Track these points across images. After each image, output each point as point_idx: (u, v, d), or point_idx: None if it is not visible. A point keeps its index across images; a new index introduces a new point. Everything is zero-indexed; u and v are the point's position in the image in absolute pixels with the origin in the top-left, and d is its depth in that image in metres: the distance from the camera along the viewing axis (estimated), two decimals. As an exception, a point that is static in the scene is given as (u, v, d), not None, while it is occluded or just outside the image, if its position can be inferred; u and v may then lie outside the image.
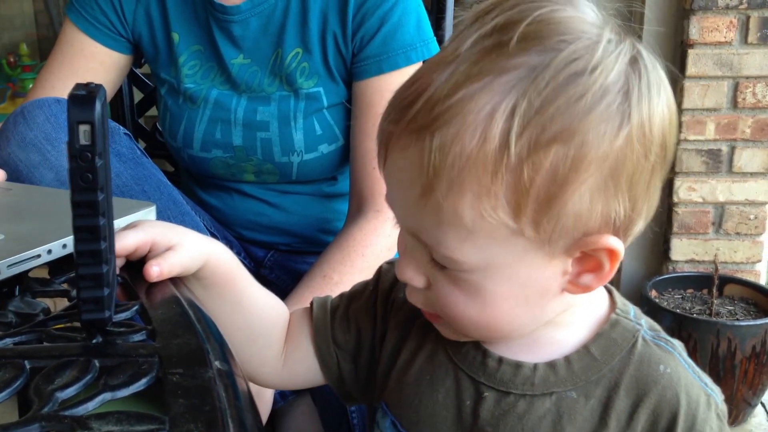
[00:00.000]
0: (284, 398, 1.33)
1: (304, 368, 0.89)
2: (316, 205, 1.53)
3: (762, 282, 2.65)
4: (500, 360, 0.75)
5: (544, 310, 0.71)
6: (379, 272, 0.89)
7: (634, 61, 0.64)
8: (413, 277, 0.71)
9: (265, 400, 1.24)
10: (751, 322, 2.29)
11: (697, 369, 0.74)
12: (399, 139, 0.65)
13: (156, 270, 0.77)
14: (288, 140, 1.40)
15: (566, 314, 0.74)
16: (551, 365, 0.73)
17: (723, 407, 0.74)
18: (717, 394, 0.74)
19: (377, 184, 1.35)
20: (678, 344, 0.75)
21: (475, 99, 0.61)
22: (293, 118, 1.39)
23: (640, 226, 0.68)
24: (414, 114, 0.63)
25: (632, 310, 0.76)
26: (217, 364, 0.61)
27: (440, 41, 1.71)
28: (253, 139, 1.41)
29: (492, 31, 0.63)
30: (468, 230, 0.63)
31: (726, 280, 2.52)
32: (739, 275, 2.61)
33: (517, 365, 0.74)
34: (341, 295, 0.91)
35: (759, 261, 2.66)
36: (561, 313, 0.73)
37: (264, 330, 0.88)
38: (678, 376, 0.72)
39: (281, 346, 0.89)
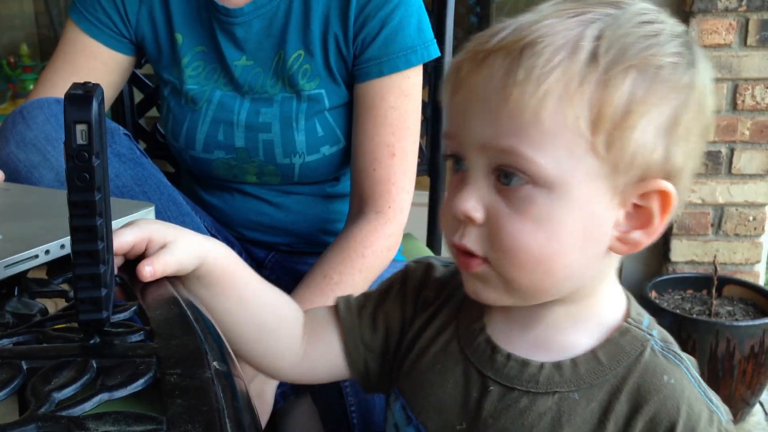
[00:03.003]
0: (285, 398, 1.34)
1: (327, 363, 0.90)
2: (318, 205, 1.53)
3: (761, 283, 2.65)
4: (508, 356, 0.77)
5: (589, 266, 0.73)
6: (406, 271, 0.90)
7: (689, 34, 0.73)
8: (473, 207, 0.70)
9: (266, 401, 1.24)
10: (750, 323, 2.30)
11: (705, 386, 0.75)
12: (485, 57, 0.69)
13: (149, 270, 0.77)
14: (290, 142, 1.40)
15: (582, 310, 0.76)
16: (557, 366, 0.75)
17: (729, 427, 0.74)
18: (723, 413, 0.74)
19: (378, 185, 1.35)
20: (687, 359, 0.76)
21: (564, 24, 0.68)
22: (295, 119, 1.39)
23: (685, 194, 0.72)
24: (504, 36, 0.69)
25: (646, 320, 0.78)
26: (215, 364, 0.61)
27: (441, 42, 1.71)
28: (255, 141, 1.41)
29: None
30: (549, 136, 0.67)
31: (725, 281, 2.52)
32: (738, 276, 2.61)
33: (524, 362, 0.76)
34: (365, 295, 0.92)
35: (758, 262, 2.66)
36: (582, 298, 0.75)
37: (272, 324, 0.89)
38: (681, 388, 0.72)
39: (296, 339, 0.90)
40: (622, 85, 0.66)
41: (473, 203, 0.70)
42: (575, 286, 0.74)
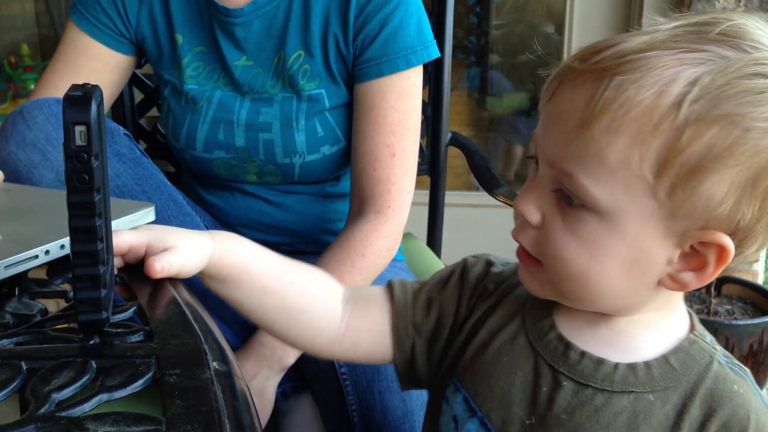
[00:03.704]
0: (286, 397, 1.34)
1: (371, 341, 0.90)
2: (318, 204, 1.53)
3: (759, 281, 2.64)
4: (583, 354, 0.77)
5: (635, 294, 0.73)
6: (465, 263, 0.91)
7: None
8: (531, 211, 0.73)
9: (267, 400, 1.24)
10: (749, 321, 2.30)
11: (766, 399, 0.76)
12: (578, 76, 0.69)
13: (159, 265, 0.77)
14: (290, 141, 1.40)
15: (649, 319, 0.76)
16: (632, 367, 0.75)
17: None
18: None
19: (378, 185, 1.35)
20: (749, 372, 0.77)
21: (664, 60, 0.66)
22: (295, 119, 1.39)
23: (752, 249, 0.71)
24: (602, 57, 0.68)
25: (708, 337, 0.78)
26: (214, 364, 0.62)
27: (441, 43, 1.72)
28: (256, 140, 1.41)
29: (694, 24, 0.69)
30: (609, 171, 0.67)
31: (724, 280, 2.52)
32: (736, 275, 2.60)
33: (599, 361, 0.76)
34: (421, 282, 0.93)
35: (756, 261, 2.65)
36: (643, 312, 0.76)
37: (301, 304, 0.89)
38: (750, 399, 0.74)
39: (333, 316, 0.90)
40: (700, 139, 0.64)
41: (532, 207, 0.74)
42: (622, 305, 0.75)
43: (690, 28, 0.68)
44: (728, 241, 0.67)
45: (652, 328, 0.77)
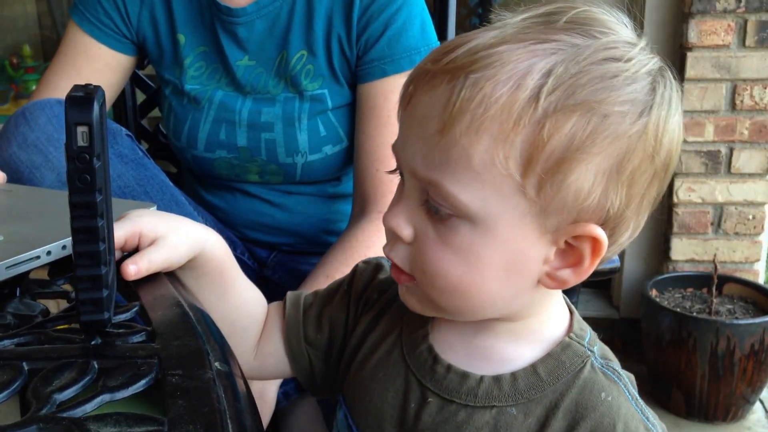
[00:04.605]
0: (288, 398, 1.34)
1: (274, 361, 0.90)
2: (320, 205, 1.53)
3: (760, 281, 2.65)
4: (449, 368, 0.75)
5: (516, 297, 0.71)
6: (355, 271, 0.90)
7: (662, 71, 0.69)
8: (401, 226, 0.70)
9: (268, 401, 1.24)
10: (750, 321, 2.30)
11: (642, 403, 0.74)
12: (432, 77, 0.67)
13: (133, 268, 0.76)
14: (292, 141, 1.40)
15: (525, 326, 0.74)
16: (497, 379, 0.73)
17: None
18: (659, 430, 0.73)
19: (380, 185, 1.36)
20: (626, 376, 0.75)
21: (517, 53, 0.64)
22: (298, 119, 1.39)
23: (625, 236, 0.70)
24: (454, 56, 0.66)
25: (588, 336, 0.76)
26: (216, 365, 0.61)
27: (442, 44, 1.72)
28: (258, 140, 1.41)
29: (541, 14, 0.68)
30: (476, 174, 0.64)
31: (725, 280, 2.52)
32: (738, 274, 2.61)
33: (464, 375, 0.74)
34: (315, 293, 0.91)
35: (757, 260, 2.66)
36: (522, 318, 0.74)
37: (245, 323, 0.89)
38: (618, 406, 0.71)
39: (257, 339, 0.90)
40: (561, 130, 0.63)
41: (402, 221, 0.70)
42: (504, 311, 0.73)
43: (538, 19, 0.68)
44: (600, 232, 0.66)
45: (527, 336, 0.75)
